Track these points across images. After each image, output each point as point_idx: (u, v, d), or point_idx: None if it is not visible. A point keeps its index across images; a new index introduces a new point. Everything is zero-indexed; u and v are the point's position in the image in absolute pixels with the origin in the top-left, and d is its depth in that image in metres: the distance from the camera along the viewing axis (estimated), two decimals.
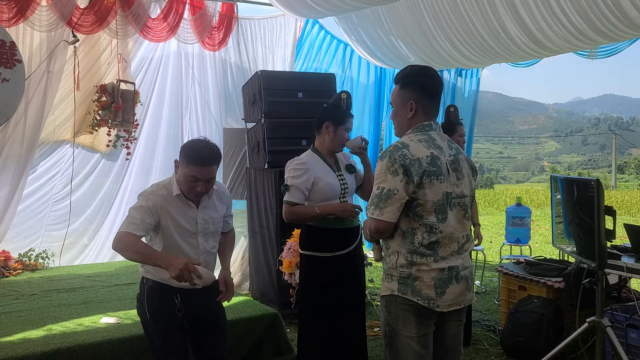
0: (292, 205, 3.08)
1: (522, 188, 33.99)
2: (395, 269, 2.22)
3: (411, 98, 2.28)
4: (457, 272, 2.23)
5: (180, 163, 2.50)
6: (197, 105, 6.26)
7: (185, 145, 2.55)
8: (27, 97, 5.00)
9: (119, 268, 5.43)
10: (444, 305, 2.19)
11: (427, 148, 2.20)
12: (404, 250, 2.20)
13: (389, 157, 2.17)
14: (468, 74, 7.54)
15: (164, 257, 2.31)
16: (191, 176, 2.44)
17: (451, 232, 2.21)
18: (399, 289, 2.20)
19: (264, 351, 3.76)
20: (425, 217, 2.17)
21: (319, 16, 6.42)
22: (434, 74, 2.35)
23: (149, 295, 2.57)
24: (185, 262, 2.21)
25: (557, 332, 3.94)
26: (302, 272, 3.29)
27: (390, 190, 2.14)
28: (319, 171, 3.14)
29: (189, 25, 5.95)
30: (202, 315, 2.63)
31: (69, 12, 5.10)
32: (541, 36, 5.04)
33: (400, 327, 2.21)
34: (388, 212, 2.14)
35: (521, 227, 6.15)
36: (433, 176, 2.17)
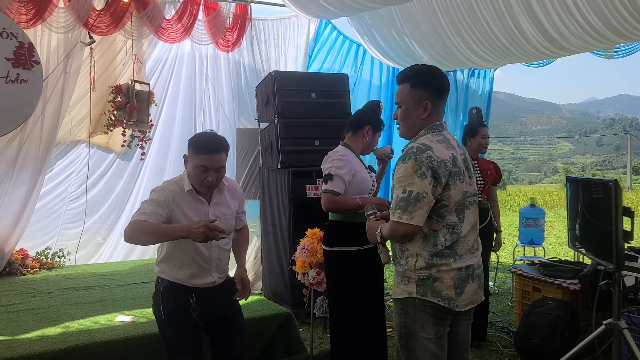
0: (336, 194, 3.13)
1: (535, 189, 33.73)
2: (414, 271, 2.19)
3: (426, 98, 2.26)
4: (472, 271, 2.24)
5: (189, 155, 2.51)
6: (210, 106, 6.30)
7: (192, 138, 2.57)
8: (44, 98, 5.06)
9: (133, 267, 5.48)
10: (462, 304, 2.20)
11: (447, 149, 2.20)
12: (425, 252, 2.18)
13: (415, 160, 2.12)
14: (481, 74, 7.51)
15: (180, 228, 2.30)
16: (201, 166, 2.44)
17: (468, 231, 2.23)
18: (417, 291, 2.18)
19: (277, 351, 3.78)
20: (447, 218, 2.17)
21: (332, 17, 6.42)
22: (442, 74, 2.37)
23: (164, 296, 2.58)
24: (203, 224, 2.21)
25: (572, 334, 3.91)
26: (331, 269, 3.31)
27: (420, 194, 2.10)
28: (356, 165, 3.25)
29: (203, 26, 5.98)
30: (219, 313, 2.64)
31: (86, 13, 5.16)
32: (557, 35, 5.00)
33: (418, 329, 2.20)
34: (418, 216, 2.10)
35: (535, 228, 6.11)
36: (456, 177, 2.18)
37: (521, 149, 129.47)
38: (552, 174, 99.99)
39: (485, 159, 4.59)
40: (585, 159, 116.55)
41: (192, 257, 2.54)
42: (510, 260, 7.03)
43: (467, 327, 2.36)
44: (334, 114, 5.29)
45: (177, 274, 2.55)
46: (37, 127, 5.08)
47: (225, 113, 6.26)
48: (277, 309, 3.92)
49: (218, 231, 2.24)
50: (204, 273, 2.58)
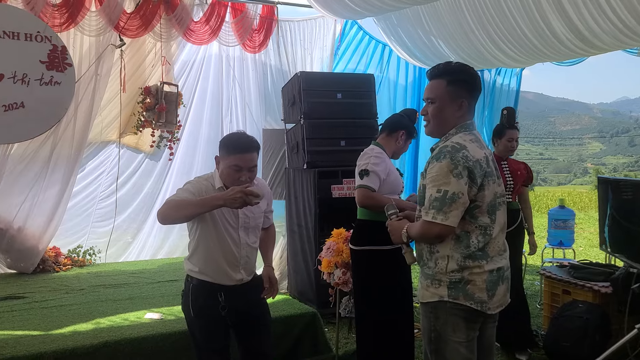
0: (372, 190, 3.14)
1: (564, 190, 33.05)
2: (445, 274, 2.15)
3: (462, 97, 2.23)
4: (503, 273, 2.21)
5: (222, 156, 2.55)
6: (237, 107, 6.36)
7: (223, 139, 2.62)
8: (76, 100, 5.19)
9: (161, 265, 5.57)
10: (493, 307, 2.17)
11: (480, 148, 2.18)
12: (457, 254, 2.13)
13: (451, 159, 2.08)
14: (508, 74, 7.41)
15: (217, 197, 2.35)
16: (234, 165, 2.47)
17: (498, 232, 2.19)
18: (449, 294, 2.14)
19: (302, 350, 3.79)
20: (479, 219, 2.14)
21: (358, 17, 6.42)
22: (478, 74, 2.36)
23: (193, 294, 2.61)
24: (239, 189, 2.29)
25: (603, 338, 3.83)
26: (359, 268, 3.32)
27: (455, 194, 2.06)
28: (390, 164, 3.29)
29: (230, 28, 6.05)
30: (247, 311, 2.66)
31: (117, 16, 5.27)
32: (588, 34, 4.90)
33: (449, 332, 2.16)
34: (453, 217, 2.06)
35: (564, 230, 6.00)
36: (489, 177, 2.16)
37: (550, 149, 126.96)
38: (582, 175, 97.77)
39: (515, 160, 4.53)
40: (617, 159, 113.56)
41: (222, 255, 2.57)
42: (538, 262, 6.90)
43: (493, 330, 2.33)
44: (359, 115, 5.30)
45: (206, 271, 2.59)
46: (70, 128, 5.20)
47: (252, 114, 6.31)
48: (303, 309, 3.94)
49: (253, 196, 2.30)
50: (232, 271, 2.60)
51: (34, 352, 3.01)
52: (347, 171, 4.74)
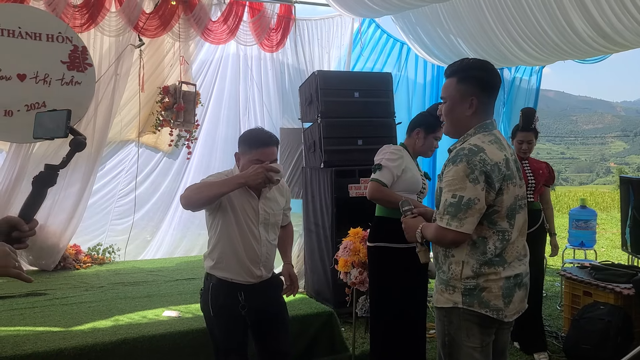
0: (382, 184, 3.16)
1: (586, 190, 32.52)
2: (460, 280, 2.08)
3: (472, 94, 2.14)
4: (521, 280, 2.14)
5: (242, 152, 2.57)
6: (255, 106, 6.38)
7: (242, 135, 2.65)
8: (96, 99, 5.25)
9: (179, 263, 5.62)
10: (510, 314, 2.11)
11: (500, 150, 2.09)
12: (472, 260, 2.07)
13: (467, 163, 2.00)
14: (528, 72, 7.31)
15: (239, 176, 2.41)
16: (256, 160, 2.48)
17: (517, 236, 2.12)
18: (463, 301, 2.07)
19: (319, 349, 3.79)
20: (498, 224, 2.07)
21: (376, 15, 6.39)
22: (493, 69, 2.24)
23: (213, 292, 2.61)
24: (258, 166, 2.34)
25: (626, 341, 3.76)
26: (372, 265, 3.33)
27: (471, 200, 1.99)
28: (409, 163, 3.27)
29: (248, 27, 6.06)
30: (265, 309, 2.66)
31: (136, 17, 5.32)
32: (610, 31, 4.80)
33: (463, 337, 2.11)
34: (468, 224, 2.00)
35: (586, 230, 5.89)
36: (509, 180, 2.07)
37: (571, 148, 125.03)
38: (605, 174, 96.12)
39: (537, 159, 4.46)
40: None
41: (243, 251, 2.56)
42: (559, 263, 6.80)
43: (508, 334, 2.29)
44: (377, 114, 5.27)
45: (227, 267, 2.58)
46: (90, 127, 5.27)
47: (270, 113, 6.33)
48: (320, 308, 3.94)
49: (274, 171, 2.36)
50: (253, 266, 2.60)
51: (54, 348, 3.06)
52: (364, 170, 4.71)
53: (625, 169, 59.49)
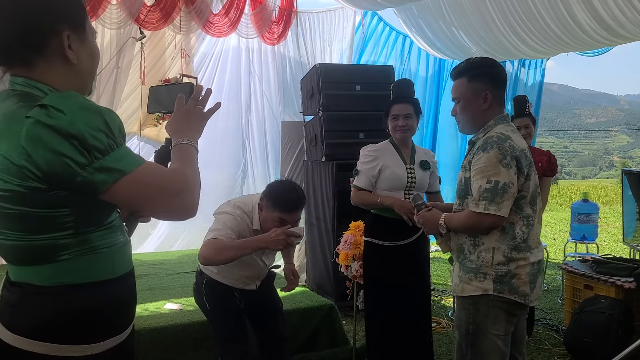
0: (359, 189, 3.20)
1: (589, 184, 32.46)
2: (491, 267, 2.13)
3: (485, 89, 2.23)
4: (541, 266, 2.23)
5: (267, 207, 2.51)
6: (256, 99, 6.37)
7: (272, 190, 2.57)
8: (98, 92, 5.24)
9: (181, 256, 5.63)
10: (534, 299, 2.20)
11: (521, 139, 2.20)
12: (503, 246, 2.13)
13: (499, 149, 2.07)
14: (532, 65, 7.28)
15: (259, 240, 2.37)
16: (279, 219, 2.48)
17: (537, 222, 2.22)
18: (494, 288, 2.12)
19: (320, 342, 3.79)
20: (524, 209, 2.14)
21: (378, 8, 6.37)
22: (500, 65, 2.37)
23: (207, 288, 2.65)
24: (280, 232, 2.32)
25: (626, 334, 3.76)
26: (365, 258, 3.37)
27: (506, 184, 2.05)
28: (388, 160, 3.20)
29: (249, 20, 6.05)
30: (261, 300, 2.74)
31: (137, 9, 5.31)
32: (614, 23, 4.78)
33: (489, 325, 2.15)
34: (505, 207, 2.06)
35: (587, 224, 5.88)
36: (531, 167, 2.16)
37: (574, 142, 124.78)
38: (608, 168, 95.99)
39: (539, 149, 4.44)
40: None
41: (241, 271, 2.62)
42: (560, 256, 6.81)
43: (524, 322, 2.36)
44: (379, 107, 5.18)
45: (222, 275, 2.63)
46: None
47: (271, 106, 6.32)
48: (321, 301, 3.94)
49: (294, 237, 2.36)
50: (250, 281, 2.69)
51: None
52: None
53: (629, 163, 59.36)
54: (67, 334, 1.23)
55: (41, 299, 1.23)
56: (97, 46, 1.41)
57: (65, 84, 1.28)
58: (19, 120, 1.16)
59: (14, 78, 1.26)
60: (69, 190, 1.18)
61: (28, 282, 1.24)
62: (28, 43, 1.24)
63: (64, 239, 1.22)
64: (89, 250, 1.26)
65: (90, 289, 1.26)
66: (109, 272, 1.31)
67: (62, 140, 1.14)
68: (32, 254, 1.23)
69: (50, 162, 1.14)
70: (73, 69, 1.30)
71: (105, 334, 1.30)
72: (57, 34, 1.26)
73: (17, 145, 1.15)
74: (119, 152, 1.21)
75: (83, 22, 1.34)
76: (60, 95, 1.21)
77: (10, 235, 1.24)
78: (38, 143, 1.14)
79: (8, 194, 1.18)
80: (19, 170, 1.16)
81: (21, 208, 1.19)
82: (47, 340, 1.21)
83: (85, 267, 1.26)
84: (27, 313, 1.22)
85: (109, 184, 1.18)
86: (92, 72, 1.39)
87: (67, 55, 1.28)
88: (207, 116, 1.57)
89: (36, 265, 1.24)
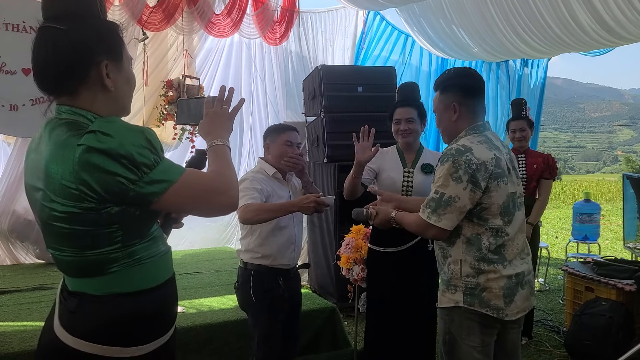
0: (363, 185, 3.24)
1: (593, 179, 32.36)
2: (460, 279, 2.14)
3: (453, 100, 2.23)
4: (523, 278, 2.17)
5: (272, 139, 2.86)
6: (258, 99, 6.38)
7: (269, 128, 3.00)
8: None
9: (183, 256, 5.66)
10: (512, 313, 2.13)
11: (489, 150, 2.13)
12: (469, 258, 2.12)
13: (452, 162, 2.08)
14: (534, 64, 7.28)
15: (292, 204, 2.64)
16: (287, 141, 2.81)
17: (515, 233, 2.17)
18: (464, 300, 2.12)
19: (321, 344, 3.82)
20: (490, 221, 2.11)
21: (380, 8, 6.36)
22: (473, 74, 2.33)
23: (255, 280, 2.74)
24: (312, 199, 2.56)
25: (627, 337, 3.77)
26: (367, 264, 3.41)
27: (451, 198, 2.07)
28: (387, 164, 3.23)
29: (252, 21, 6.05)
30: (293, 296, 2.86)
31: (140, 10, 5.32)
32: (615, 24, 4.77)
33: (463, 336, 2.15)
34: (446, 220, 2.08)
35: (589, 224, 5.89)
36: (499, 178, 2.11)
37: (578, 136, 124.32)
38: (612, 162, 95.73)
39: (536, 152, 4.46)
40: None
41: (282, 235, 2.77)
42: (562, 255, 6.82)
43: (517, 335, 2.30)
44: (381, 108, 5.22)
45: (267, 252, 2.75)
46: None
47: (273, 106, 6.33)
48: (323, 303, 3.96)
49: (324, 205, 2.58)
50: (289, 249, 2.82)
51: None
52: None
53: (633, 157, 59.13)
54: (118, 337, 1.39)
55: (96, 307, 1.39)
56: (132, 72, 1.53)
57: (106, 110, 1.41)
58: (71, 148, 1.29)
59: (60, 107, 1.40)
60: (123, 205, 1.32)
61: (84, 291, 1.40)
62: (74, 74, 1.37)
63: (113, 252, 1.37)
64: (135, 262, 1.41)
65: (137, 297, 1.42)
66: (153, 280, 1.46)
67: (112, 161, 1.27)
68: (87, 268, 1.39)
69: (104, 182, 1.27)
70: (111, 95, 1.43)
71: (151, 336, 1.45)
72: (97, 64, 1.39)
73: (71, 170, 1.28)
74: (163, 164, 1.34)
75: (120, 52, 1.46)
76: (106, 120, 1.34)
77: (67, 252, 1.38)
78: (92, 167, 1.27)
79: (65, 215, 1.32)
80: (75, 193, 1.29)
81: (76, 227, 1.33)
82: (101, 342, 1.37)
83: (132, 277, 1.41)
84: (84, 318, 1.38)
85: (160, 194, 1.33)
86: (129, 96, 1.51)
87: (105, 83, 1.40)
88: (233, 115, 1.70)
89: (90, 277, 1.39)
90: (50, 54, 1.36)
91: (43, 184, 1.34)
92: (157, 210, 1.40)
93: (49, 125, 1.39)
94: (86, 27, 1.39)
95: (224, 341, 3.41)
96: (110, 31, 1.44)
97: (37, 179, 1.36)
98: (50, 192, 1.32)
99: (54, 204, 1.32)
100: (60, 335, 1.39)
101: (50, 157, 1.32)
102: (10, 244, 5.37)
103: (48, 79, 1.39)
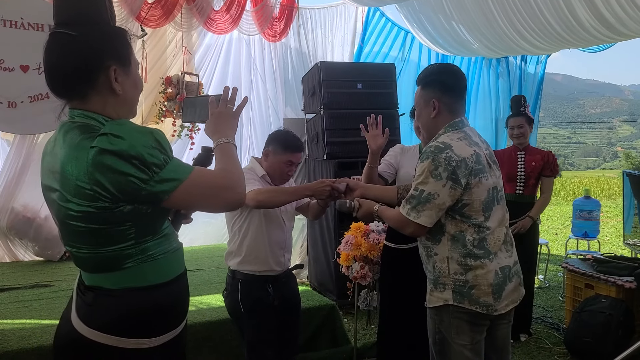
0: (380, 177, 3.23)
1: (592, 175, 32.36)
2: (448, 276, 2.13)
3: (433, 97, 2.22)
4: (509, 271, 2.17)
5: (275, 152, 2.73)
6: (258, 95, 6.36)
7: (276, 137, 2.80)
8: None
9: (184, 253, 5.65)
10: (501, 307, 2.13)
11: (469, 146, 2.12)
12: (455, 254, 2.12)
13: (432, 160, 2.08)
14: (533, 60, 7.27)
15: (306, 187, 2.63)
16: (288, 161, 2.72)
17: (495, 226, 2.16)
18: (454, 298, 2.12)
19: (321, 341, 3.82)
20: (473, 217, 2.11)
21: (379, 4, 6.34)
22: (454, 70, 2.31)
23: (243, 289, 2.67)
24: (328, 183, 2.54)
25: (627, 335, 3.77)
26: (381, 261, 3.40)
27: (430, 195, 2.07)
28: (406, 161, 3.24)
29: (251, 17, 6.03)
30: (288, 298, 2.79)
31: (138, 6, 5.30)
32: (614, 20, 4.75)
33: (453, 335, 2.14)
34: (425, 217, 2.08)
35: (589, 221, 5.89)
36: (480, 174, 2.11)
37: (578, 133, 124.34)
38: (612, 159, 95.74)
39: (536, 148, 4.44)
40: None
41: (271, 238, 2.69)
42: (562, 252, 6.81)
43: (507, 330, 2.29)
44: (380, 105, 5.24)
45: (255, 259, 2.67)
46: None
47: (272, 103, 6.31)
48: (322, 301, 3.96)
49: (339, 191, 2.54)
50: (279, 255, 2.74)
51: None
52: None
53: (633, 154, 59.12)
54: (132, 329, 1.46)
55: (111, 300, 1.46)
56: (140, 76, 1.59)
57: (115, 112, 1.48)
58: (85, 150, 1.35)
59: (72, 111, 1.47)
60: (135, 203, 1.38)
61: (100, 286, 1.47)
62: (84, 79, 1.44)
63: (127, 249, 1.43)
64: (148, 257, 1.47)
65: (150, 291, 1.48)
66: (165, 275, 1.52)
67: (124, 162, 1.33)
68: (102, 263, 1.45)
69: (117, 182, 1.34)
70: (120, 99, 1.49)
71: (164, 329, 1.52)
72: (106, 69, 1.45)
73: (85, 172, 1.34)
74: (172, 164, 1.40)
75: (129, 57, 1.52)
76: (116, 123, 1.40)
77: (83, 249, 1.45)
78: (104, 168, 1.33)
79: (81, 214, 1.38)
80: (89, 193, 1.35)
81: (92, 225, 1.40)
82: (116, 334, 1.43)
83: (146, 273, 1.48)
84: (100, 311, 1.45)
85: (170, 192, 1.39)
86: (136, 99, 1.58)
87: (113, 87, 1.46)
88: (238, 113, 1.76)
89: (106, 273, 1.46)
90: (61, 59, 1.42)
91: (59, 185, 1.40)
92: (168, 207, 1.46)
93: (63, 128, 1.45)
94: (96, 32, 1.45)
95: (223, 339, 3.40)
96: (119, 37, 1.50)
97: (54, 180, 1.43)
98: (66, 192, 1.39)
99: (70, 203, 1.39)
100: (77, 326, 1.46)
101: (65, 159, 1.38)
102: (9, 241, 5.37)
103: (59, 83, 1.45)
